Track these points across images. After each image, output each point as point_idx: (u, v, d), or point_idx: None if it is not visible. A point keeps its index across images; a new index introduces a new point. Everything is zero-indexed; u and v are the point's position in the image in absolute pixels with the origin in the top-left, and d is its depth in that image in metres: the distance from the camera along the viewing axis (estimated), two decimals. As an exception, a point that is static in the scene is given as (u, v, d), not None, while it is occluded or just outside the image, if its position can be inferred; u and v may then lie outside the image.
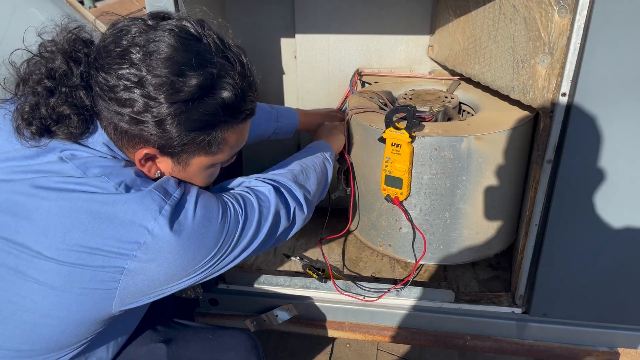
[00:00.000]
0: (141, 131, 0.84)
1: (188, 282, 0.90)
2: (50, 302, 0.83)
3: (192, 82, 0.81)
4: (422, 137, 1.29)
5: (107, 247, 0.81)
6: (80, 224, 0.80)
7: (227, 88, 0.85)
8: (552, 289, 1.40)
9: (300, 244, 1.82)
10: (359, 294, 1.52)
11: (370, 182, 1.45)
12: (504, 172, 1.34)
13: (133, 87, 0.80)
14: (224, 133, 0.90)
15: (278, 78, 1.89)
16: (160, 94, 0.80)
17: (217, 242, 0.90)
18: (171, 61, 0.80)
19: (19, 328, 0.85)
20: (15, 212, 0.82)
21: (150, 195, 0.83)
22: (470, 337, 1.53)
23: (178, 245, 0.84)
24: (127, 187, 0.83)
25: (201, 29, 0.85)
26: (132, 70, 0.80)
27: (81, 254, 0.80)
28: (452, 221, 1.39)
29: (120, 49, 0.81)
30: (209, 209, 0.89)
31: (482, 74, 1.42)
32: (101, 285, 0.83)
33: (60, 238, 0.80)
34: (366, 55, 1.79)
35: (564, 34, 1.11)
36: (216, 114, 0.86)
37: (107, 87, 0.82)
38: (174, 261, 0.85)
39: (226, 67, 0.85)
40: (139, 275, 0.84)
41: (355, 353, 1.90)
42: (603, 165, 1.20)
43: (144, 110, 0.81)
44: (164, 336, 1.16)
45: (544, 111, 1.21)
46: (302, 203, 1.11)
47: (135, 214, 0.81)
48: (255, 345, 1.19)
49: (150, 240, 0.82)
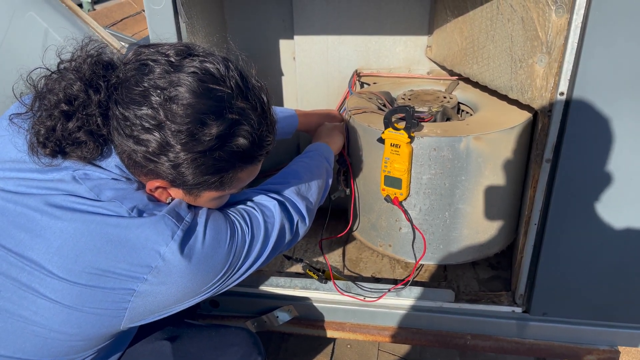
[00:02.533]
0: (155, 168, 0.84)
1: (196, 301, 0.92)
2: (61, 319, 0.84)
3: (211, 132, 0.81)
4: (421, 138, 1.30)
5: (119, 270, 0.82)
6: (93, 247, 0.81)
7: (245, 135, 0.85)
8: (552, 287, 1.40)
9: (301, 245, 1.83)
10: (359, 295, 1.52)
11: (369, 182, 1.46)
12: (503, 171, 1.34)
13: (151, 130, 0.80)
14: (237, 174, 0.91)
15: (277, 79, 1.90)
16: (178, 141, 0.81)
17: (225, 264, 0.92)
18: (192, 109, 0.80)
19: (29, 341, 0.86)
20: (29, 228, 0.82)
21: (164, 220, 0.84)
22: (470, 337, 1.54)
23: (188, 269, 0.85)
24: (140, 212, 0.84)
25: (225, 70, 0.84)
26: (151, 113, 0.80)
27: (93, 276, 0.81)
28: (452, 221, 1.39)
29: (141, 88, 0.81)
30: (218, 231, 0.91)
31: (481, 74, 1.42)
32: (111, 305, 0.84)
33: (73, 259, 0.81)
34: (365, 56, 1.80)
35: (561, 33, 1.11)
36: (231, 160, 0.86)
37: (124, 124, 0.82)
38: (184, 284, 0.86)
39: (246, 112, 0.85)
40: (149, 297, 0.85)
41: (356, 354, 1.90)
42: (602, 164, 1.21)
43: (159, 152, 0.82)
44: (168, 334, 1.18)
45: (542, 110, 1.21)
46: (304, 215, 1.13)
47: (148, 238, 0.82)
48: (256, 342, 1.21)
49: (161, 265, 0.83)
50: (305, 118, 1.58)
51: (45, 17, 1.41)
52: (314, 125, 1.56)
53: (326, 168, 1.29)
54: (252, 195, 1.07)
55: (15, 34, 1.40)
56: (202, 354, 1.14)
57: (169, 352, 1.13)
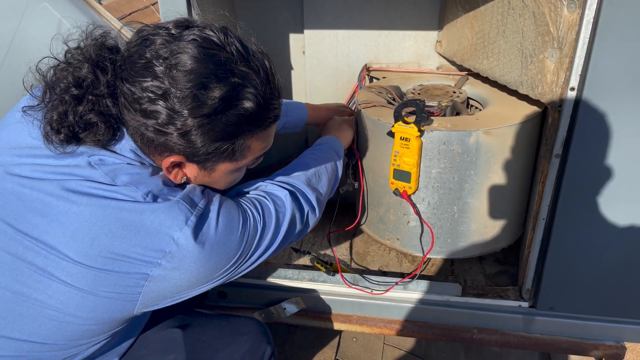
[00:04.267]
0: (166, 141, 0.86)
1: (208, 287, 0.93)
2: (76, 303, 0.85)
3: (215, 95, 0.82)
4: (430, 131, 1.30)
5: (134, 255, 0.83)
6: (108, 231, 0.82)
7: (250, 98, 0.86)
8: (559, 283, 1.40)
9: (309, 238, 1.84)
10: (366, 287, 1.53)
11: (378, 176, 1.46)
12: (512, 166, 1.35)
13: (157, 100, 0.82)
14: (247, 140, 0.92)
15: (286, 73, 1.90)
16: (184, 107, 0.82)
17: (238, 251, 0.93)
18: (194, 74, 0.82)
19: (44, 325, 0.87)
20: (45, 213, 0.84)
21: (178, 206, 0.85)
22: (477, 331, 1.55)
23: (201, 255, 0.86)
24: (155, 197, 0.86)
25: (224, 37, 0.86)
26: (156, 83, 0.81)
27: (108, 260, 0.83)
28: (460, 215, 1.40)
29: (144, 60, 0.82)
30: (231, 218, 0.92)
31: (491, 69, 1.43)
32: (126, 290, 0.85)
33: (89, 243, 0.82)
34: (374, 50, 1.80)
35: (572, 28, 1.11)
36: (239, 124, 0.87)
37: (132, 99, 0.83)
38: (197, 270, 0.87)
39: (249, 75, 0.87)
40: (163, 282, 0.86)
41: (361, 347, 1.91)
42: (611, 160, 1.21)
43: (168, 122, 0.83)
44: (179, 322, 1.19)
45: (552, 106, 1.22)
46: (314, 206, 1.14)
47: (162, 223, 0.84)
48: (265, 331, 1.23)
49: (175, 250, 0.84)
50: (315, 112, 1.58)
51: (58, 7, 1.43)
52: (324, 119, 1.57)
53: (336, 161, 1.30)
54: (263, 186, 1.08)
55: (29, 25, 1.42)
56: (212, 342, 1.16)
57: (180, 340, 1.14)
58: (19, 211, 0.85)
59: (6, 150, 0.90)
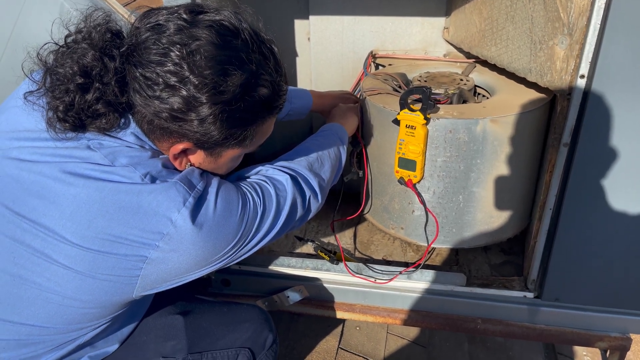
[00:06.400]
0: (180, 128, 0.85)
1: (207, 271, 0.92)
2: (74, 285, 0.84)
3: (235, 82, 0.82)
4: (436, 119, 1.28)
5: (131, 236, 0.82)
6: (106, 212, 0.81)
7: (265, 85, 0.87)
8: (564, 273, 1.39)
9: (312, 226, 1.83)
10: (370, 276, 1.52)
11: (383, 164, 1.45)
12: (519, 155, 1.33)
13: (175, 87, 0.81)
14: (258, 127, 0.93)
15: (291, 60, 1.88)
16: (203, 94, 0.81)
17: (237, 234, 0.91)
18: (214, 60, 0.81)
19: (43, 308, 0.87)
20: (43, 195, 0.83)
21: (175, 187, 0.84)
22: (481, 321, 1.54)
23: (199, 237, 0.85)
24: (153, 178, 0.84)
25: (238, 23, 0.86)
26: (174, 69, 0.80)
27: (106, 242, 0.82)
28: (466, 204, 1.38)
29: (160, 46, 0.81)
30: (230, 201, 0.91)
31: (499, 56, 1.40)
32: (124, 272, 0.84)
33: (86, 225, 0.81)
34: (380, 37, 1.78)
35: (583, 14, 1.09)
36: (255, 111, 0.88)
37: (146, 85, 0.82)
38: (195, 252, 0.86)
39: (262, 62, 0.87)
40: (161, 265, 0.85)
41: (365, 336, 1.91)
42: (620, 150, 1.19)
43: (186, 109, 0.82)
44: (181, 309, 1.19)
45: (561, 93, 1.20)
46: (316, 191, 1.12)
47: (160, 204, 0.82)
48: (267, 319, 1.22)
49: (173, 232, 0.83)
50: (320, 99, 1.57)
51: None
52: (328, 107, 1.55)
53: (339, 147, 1.29)
54: (264, 170, 1.07)
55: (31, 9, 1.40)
56: (213, 329, 1.15)
57: (181, 326, 1.14)
58: (17, 194, 0.85)
59: (5, 134, 0.89)
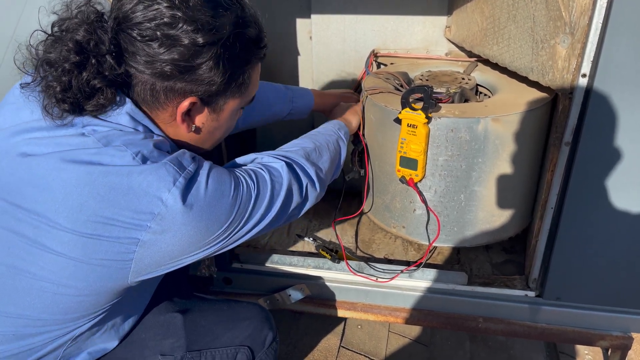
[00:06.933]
0: (185, 81, 0.87)
1: (202, 254, 0.91)
2: (68, 272, 0.84)
3: (227, 22, 0.86)
4: (438, 118, 1.28)
5: (123, 218, 0.82)
6: (96, 194, 0.81)
7: (251, 24, 0.91)
8: (566, 272, 1.39)
9: (314, 224, 1.83)
10: (371, 275, 1.53)
11: (385, 163, 1.45)
12: (521, 154, 1.33)
13: (173, 36, 0.83)
14: (251, 71, 0.97)
15: (293, 59, 1.89)
16: (201, 37, 0.84)
17: (230, 215, 0.91)
18: (204, 6, 0.84)
19: (38, 298, 0.87)
20: (37, 183, 0.83)
21: (165, 167, 0.84)
22: (482, 320, 1.54)
23: (190, 217, 0.84)
24: (144, 158, 0.84)
25: None
26: (168, 20, 0.83)
27: (98, 224, 0.81)
28: (467, 203, 1.38)
29: (148, 4, 0.83)
30: (221, 182, 0.90)
31: (501, 55, 1.40)
32: (117, 256, 0.84)
33: (78, 208, 0.81)
34: (382, 36, 1.78)
35: (585, 13, 1.09)
36: (248, 49, 0.92)
37: (144, 45, 0.83)
38: (187, 233, 0.86)
39: (243, 5, 0.91)
40: (154, 247, 0.85)
41: (366, 334, 1.92)
42: (622, 149, 1.19)
43: (188, 56, 0.84)
44: (180, 307, 1.18)
45: (563, 92, 1.19)
46: (314, 180, 1.12)
47: (150, 185, 0.82)
48: (268, 317, 1.21)
49: (164, 211, 0.82)
50: (321, 98, 1.57)
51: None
52: (330, 106, 1.55)
53: (339, 141, 1.28)
54: (259, 158, 1.07)
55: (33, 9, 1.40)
56: (212, 327, 1.15)
57: (180, 324, 1.13)
58: (12, 185, 0.85)
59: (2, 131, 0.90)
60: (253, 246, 1.71)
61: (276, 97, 1.49)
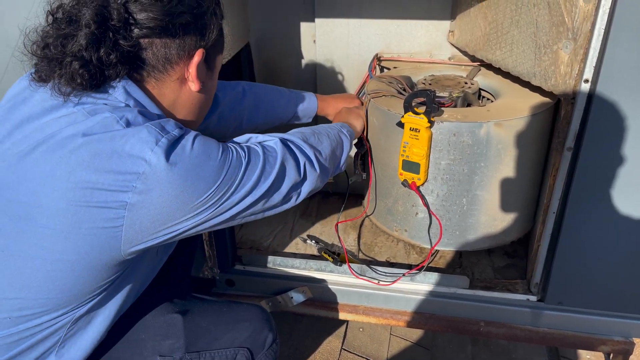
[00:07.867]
0: (196, 29, 0.94)
1: (193, 223, 0.90)
2: (60, 246, 0.85)
3: None
4: (440, 122, 1.29)
5: (108, 181, 0.82)
6: (82, 162, 0.81)
7: None
8: (568, 277, 1.39)
9: (316, 227, 1.84)
10: (373, 278, 1.53)
11: (387, 167, 1.46)
12: (523, 159, 1.33)
13: None
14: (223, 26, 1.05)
15: (297, 62, 1.89)
16: None
17: (217, 178, 0.90)
18: None
19: (32, 277, 0.87)
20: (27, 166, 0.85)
21: (147, 129, 0.84)
22: (484, 324, 1.54)
23: (175, 175, 0.84)
24: (128, 122, 0.85)
25: None
26: None
27: (85, 191, 0.82)
28: (469, 207, 1.39)
29: None
30: (208, 146, 0.90)
31: (503, 60, 1.41)
32: (107, 223, 0.84)
33: (65, 177, 0.81)
34: (385, 40, 1.78)
35: (588, 19, 1.09)
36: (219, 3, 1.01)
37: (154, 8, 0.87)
38: (174, 192, 0.85)
39: None
40: (142, 210, 0.84)
41: (368, 337, 1.92)
42: (624, 154, 1.19)
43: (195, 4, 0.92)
44: (180, 308, 1.18)
45: (565, 98, 1.20)
46: (312, 160, 1.11)
47: (133, 147, 0.82)
48: (268, 319, 1.20)
49: (148, 170, 0.82)
50: (325, 102, 1.58)
51: None
52: (333, 110, 1.56)
53: (340, 134, 1.28)
54: (254, 137, 1.07)
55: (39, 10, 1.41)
56: (212, 328, 1.15)
57: (180, 325, 1.13)
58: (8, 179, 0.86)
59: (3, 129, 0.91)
60: (256, 248, 1.72)
61: (280, 100, 1.50)
